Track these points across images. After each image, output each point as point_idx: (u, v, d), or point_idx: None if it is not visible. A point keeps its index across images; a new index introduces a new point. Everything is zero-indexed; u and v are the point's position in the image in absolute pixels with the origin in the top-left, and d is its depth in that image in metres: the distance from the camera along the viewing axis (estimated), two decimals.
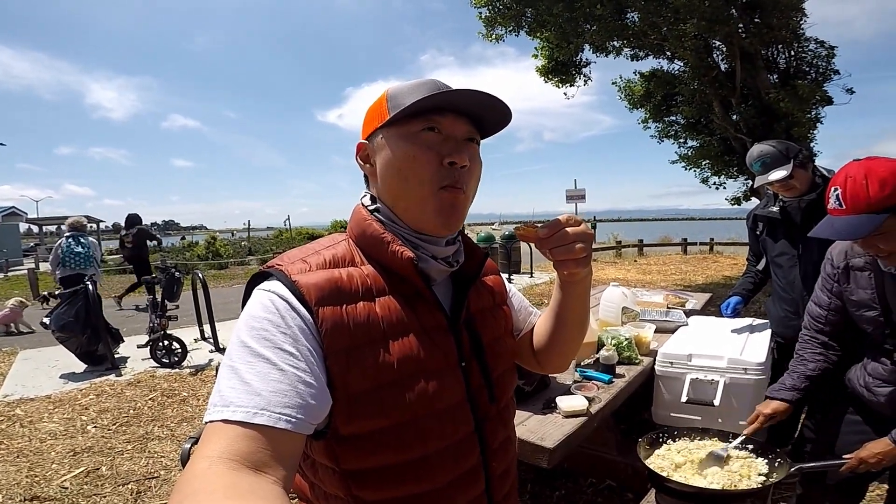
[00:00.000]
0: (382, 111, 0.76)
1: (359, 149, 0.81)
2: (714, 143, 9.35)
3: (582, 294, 0.84)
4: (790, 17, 7.34)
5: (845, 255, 1.56)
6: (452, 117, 0.74)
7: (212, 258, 17.82)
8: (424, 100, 0.70)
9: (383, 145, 0.76)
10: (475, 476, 0.79)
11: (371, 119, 0.79)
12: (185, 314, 6.26)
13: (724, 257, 13.85)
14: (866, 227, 1.28)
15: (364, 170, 0.81)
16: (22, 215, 27.85)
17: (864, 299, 1.49)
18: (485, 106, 0.75)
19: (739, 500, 1.33)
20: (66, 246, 5.72)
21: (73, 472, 2.93)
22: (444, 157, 0.73)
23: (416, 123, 0.73)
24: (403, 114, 0.72)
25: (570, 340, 0.91)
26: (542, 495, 2.46)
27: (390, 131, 0.75)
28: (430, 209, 0.74)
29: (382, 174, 0.76)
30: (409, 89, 0.75)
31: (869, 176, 1.28)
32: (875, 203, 1.27)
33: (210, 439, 0.54)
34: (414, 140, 0.73)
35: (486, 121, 0.78)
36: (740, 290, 2.61)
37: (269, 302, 0.65)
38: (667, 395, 2.14)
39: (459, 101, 0.73)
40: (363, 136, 0.80)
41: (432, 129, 0.73)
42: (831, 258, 1.63)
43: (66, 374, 4.88)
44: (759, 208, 2.44)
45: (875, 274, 1.46)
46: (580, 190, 14.45)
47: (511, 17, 8.14)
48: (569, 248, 0.71)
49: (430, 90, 0.73)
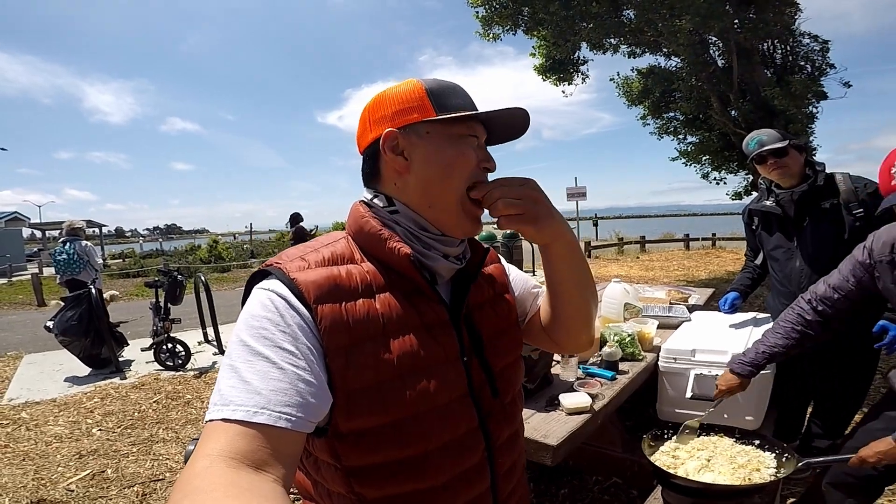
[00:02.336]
0: (425, 106, 0.74)
1: (387, 137, 0.74)
2: (713, 138, 9.35)
3: (565, 257, 0.80)
4: (784, 11, 7.34)
5: (891, 249, 1.49)
6: (482, 127, 0.79)
7: (214, 261, 17.87)
8: (485, 113, 0.76)
9: (429, 140, 0.75)
10: (480, 472, 0.79)
11: (404, 109, 0.75)
12: (188, 317, 6.27)
13: (727, 252, 13.82)
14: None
15: (388, 161, 0.76)
16: (25, 220, 27.88)
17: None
18: (507, 121, 0.79)
19: (747, 495, 1.32)
20: (54, 253, 5.72)
21: (78, 475, 2.94)
22: (482, 162, 0.77)
23: (462, 127, 0.76)
24: (458, 117, 0.74)
25: (572, 312, 0.87)
26: (547, 493, 2.45)
27: (437, 128, 0.75)
28: (464, 210, 0.77)
29: (423, 169, 0.75)
30: (449, 91, 0.77)
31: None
32: None
33: (210, 438, 0.55)
34: (462, 143, 0.76)
35: (494, 135, 0.82)
36: (738, 285, 2.61)
37: (267, 300, 0.65)
38: (671, 391, 2.14)
39: (496, 115, 0.77)
40: (387, 124, 0.75)
41: (474, 135, 0.77)
42: (871, 248, 1.55)
43: (70, 377, 4.90)
44: (754, 203, 2.44)
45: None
46: (581, 188, 14.43)
47: (508, 16, 8.15)
48: (494, 206, 0.73)
49: (465, 96, 0.78)
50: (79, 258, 5.40)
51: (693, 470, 1.40)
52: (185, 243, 27.67)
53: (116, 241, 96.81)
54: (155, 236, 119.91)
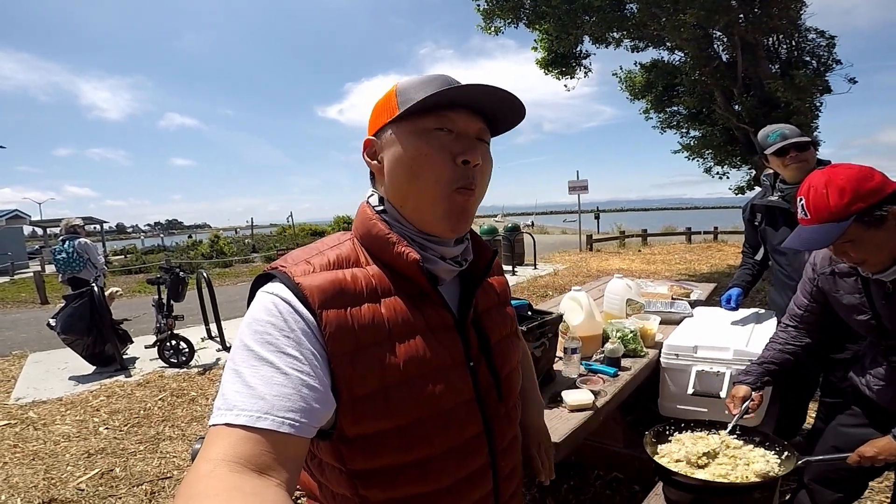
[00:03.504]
0: (391, 106, 0.74)
1: (366, 145, 0.78)
2: (716, 132, 9.32)
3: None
4: (790, 6, 7.29)
5: (830, 261, 1.58)
6: (465, 114, 0.73)
7: (216, 256, 17.89)
8: (436, 95, 0.69)
9: (392, 141, 0.74)
10: (483, 476, 0.79)
11: (379, 114, 0.77)
12: (191, 314, 6.30)
13: (729, 246, 13.81)
14: (831, 236, 1.30)
15: (371, 167, 0.79)
16: (26, 218, 27.91)
17: (854, 304, 1.51)
18: (497, 102, 0.73)
19: (747, 492, 1.34)
20: (54, 251, 5.73)
21: (88, 474, 2.97)
22: (458, 156, 0.72)
23: (428, 120, 0.72)
24: (415, 108, 0.70)
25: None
26: (549, 488, 2.47)
27: (400, 127, 0.73)
28: (439, 211, 0.73)
29: (391, 172, 0.75)
30: (420, 84, 0.73)
31: (829, 185, 1.30)
32: (836, 211, 1.28)
33: (214, 442, 0.55)
34: (426, 137, 0.72)
35: (499, 118, 0.77)
36: (739, 281, 2.61)
37: (272, 305, 0.65)
38: (673, 387, 2.15)
39: (472, 96, 0.72)
40: (370, 131, 0.78)
41: (444, 128, 0.72)
42: (815, 263, 1.65)
43: (75, 376, 4.93)
44: (757, 198, 2.44)
45: (860, 278, 1.48)
46: (583, 181, 14.42)
47: (509, 8, 8.11)
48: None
49: (442, 85, 0.72)
50: (78, 256, 5.41)
51: (694, 467, 1.42)
52: (185, 238, 27.67)
53: (118, 237, 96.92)
54: (156, 232, 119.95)
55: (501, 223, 15.98)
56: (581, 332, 2.15)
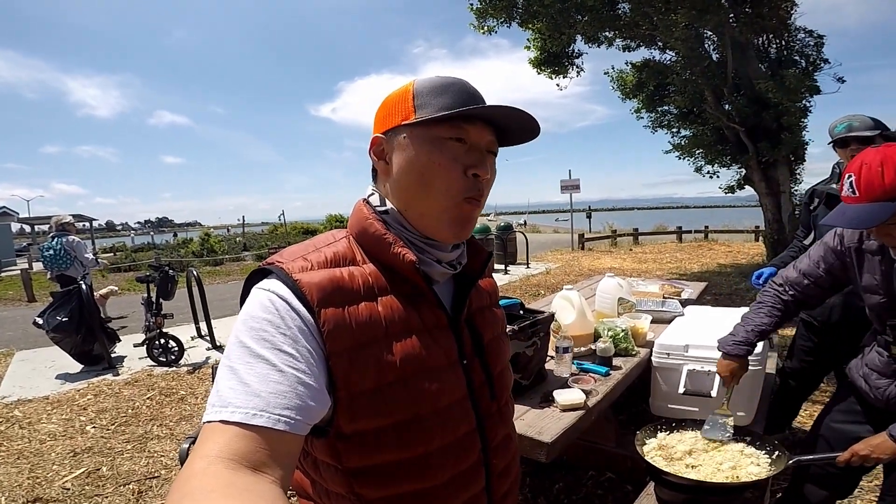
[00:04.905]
0: (407, 108, 0.73)
1: (374, 143, 0.77)
2: (707, 132, 9.37)
3: None
4: (780, 6, 7.35)
5: (860, 237, 1.51)
6: (480, 126, 0.73)
7: (206, 255, 17.75)
8: (461, 111, 0.69)
9: (405, 145, 0.73)
10: (476, 473, 0.80)
11: (391, 113, 0.75)
12: (180, 312, 6.24)
13: (719, 244, 13.94)
14: (880, 215, 1.23)
15: (377, 166, 0.78)
16: (13, 215, 27.54)
17: (872, 284, 1.47)
18: (514, 120, 0.74)
19: (738, 492, 1.34)
20: (42, 248, 5.67)
21: (73, 473, 2.93)
22: (469, 168, 0.72)
23: (444, 129, 0.71)
24: (434, 118, 0.70)
25: None
26: (541, 488, 2.47)
27: (415, 131, 0.72)
28: (446, 219, 0.74)
29: (400, 175, 0.74)
30: (439, 89, 0.72)
31: (885, 163, 1.23)
32: (890, 190, 1.22)
33: (208, 439, 0.54)
34: (440, 147, 0.71)
35: (508, 132, 0.77)
36: (778, 261, 2.59)
37: (268, 302, 0.64)
38: (664, 386, 2.15)
39: (490, 112, 0.72)
40: (379, 128, 0.76)
41: (458, 139, 0.72)
42: (842, 236, 1.57)
43: (63, 374, 4.87)
44: (822, 184, 2.47)
45: (884, 260, 1.43)
46: (575, 180, 14.47)
47: (502, 8, 8.11)
48: None
49: (460, 93, 0.72)
50: (66, 253, 5.35)
51: (685, 467, 1.42)
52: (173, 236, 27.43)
53: (107, 234, 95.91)
54: (146, 230, 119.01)
55: (494, 222, 16.01)
56: (573, 331, 2.14)
